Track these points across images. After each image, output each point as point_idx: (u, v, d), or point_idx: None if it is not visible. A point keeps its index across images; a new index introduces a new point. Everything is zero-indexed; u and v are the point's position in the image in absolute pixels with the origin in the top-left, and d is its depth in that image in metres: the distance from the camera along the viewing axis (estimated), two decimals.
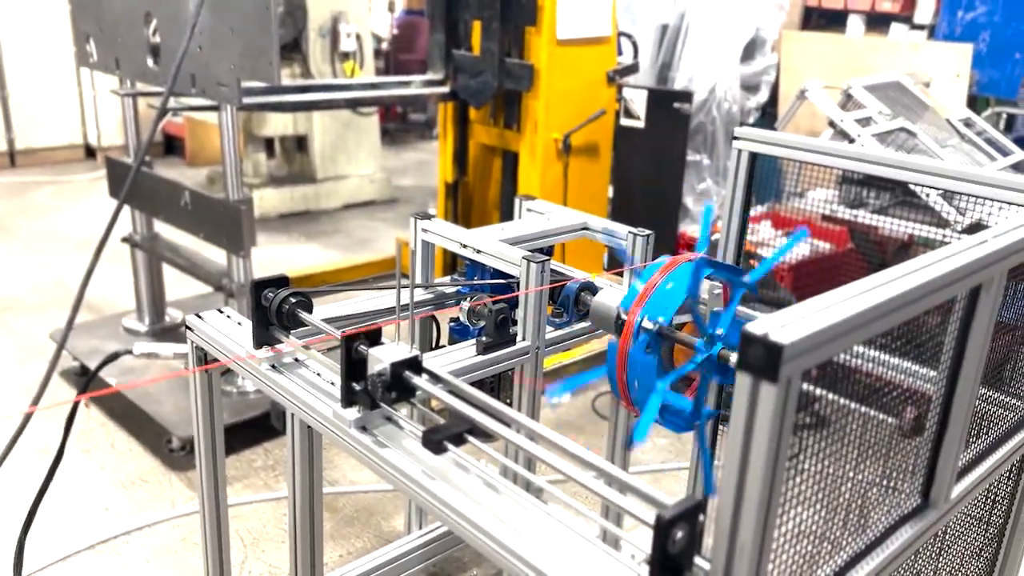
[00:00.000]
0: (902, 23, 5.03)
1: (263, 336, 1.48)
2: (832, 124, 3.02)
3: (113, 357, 1.68)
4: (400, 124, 8.54)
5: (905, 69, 3.79)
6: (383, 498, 2.57)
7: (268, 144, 5.68)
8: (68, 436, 1.68)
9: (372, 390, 1.25)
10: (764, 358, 0.79)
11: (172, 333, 3.31)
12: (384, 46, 7.75)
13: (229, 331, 1.57)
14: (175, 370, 2.50)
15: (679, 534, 0.90)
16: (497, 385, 1.85)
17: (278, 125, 5.44)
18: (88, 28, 2.99)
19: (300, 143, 5.69)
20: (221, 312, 1.65)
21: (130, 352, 1.75)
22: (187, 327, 1.62)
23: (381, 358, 1.24)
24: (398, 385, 1.25)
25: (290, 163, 5.78)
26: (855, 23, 5.23)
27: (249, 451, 2.74)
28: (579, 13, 3.33)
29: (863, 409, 1.20)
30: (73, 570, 2.20)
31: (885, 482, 1.24)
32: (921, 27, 4.94)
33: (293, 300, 1.45)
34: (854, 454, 1.16)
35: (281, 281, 1.49)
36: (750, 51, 4.27)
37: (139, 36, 2.74)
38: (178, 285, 3.66)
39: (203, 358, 1.61)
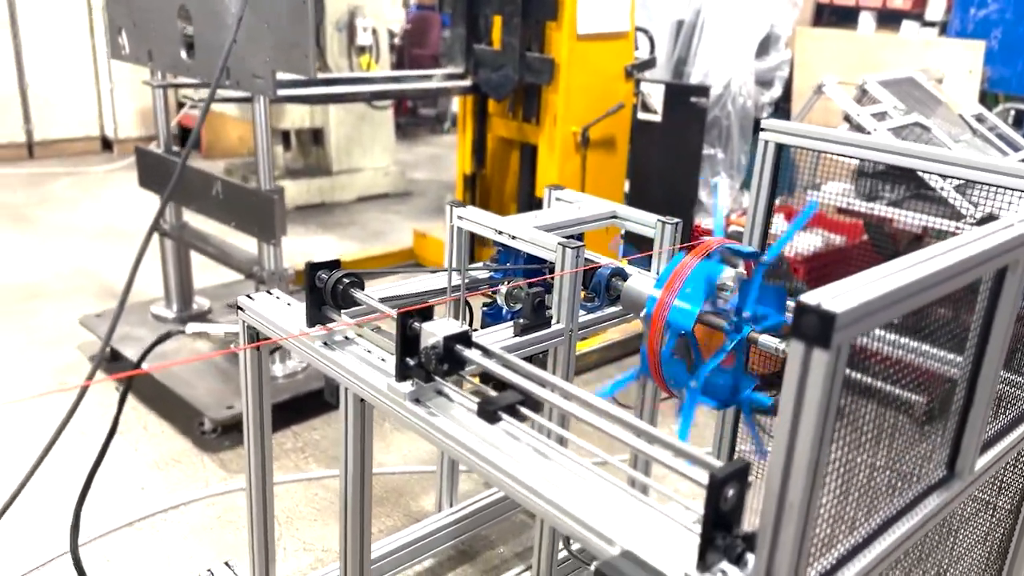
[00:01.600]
0: (913, 20, 5.09)
1: (316, 315, 1.54)
2: (848, 119, 3.08)
3: (166, 337, 1.75)
4: (411, 118, 8.61)
5: (918, 66, 3.85)
6: (411, 479, 2.64)
7: (284, 137, 5.75)
8: (121, 411, 1.75)
9: (426, 362, 1.31)
10: (817, 326, 0.85)
11: (199, 320, 3.37)
12: (396, 41, 7.80)
13: (279, 311, 1.63)
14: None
15: (730, 492, 0.97)
16: None
17: (295, 118, 5.50)
18: (121, 21, 3.06)
19: (316, 136, 5.76)
20: (270, 293, 1.72)
21: (183, 332, 1.82)
22: (239, 307, 1.69)
23: (434, 332, 1.31)
24: (450, 358, 1.32)
25: (306, 156, 5.85)
26: (866, 20, 5.28)
27: (279, 434, 2.82)
28: (598, 8, 3.39)
29: (895, 391, 1.28)
30: (113, 546, 2.27)
31: (912, 456, 1.30)
32: (932, 24, 5.00)
33: (347, 280, 1.52)
34: (886, 428, 1.23)
35: (333, 264, 1.56)
36: (764, 47, 4.33)
37: (172, 29, 2.80)
38: (200, 274, 3.73)
39: (254, 337, 1.68)
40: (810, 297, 0.86)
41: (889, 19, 5.18)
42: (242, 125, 6.06)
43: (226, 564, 2.02)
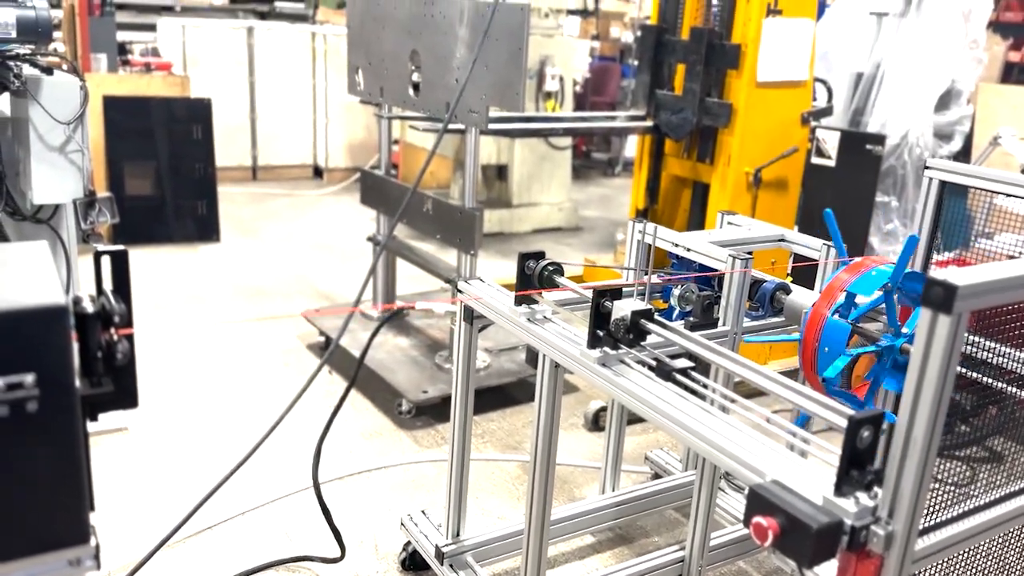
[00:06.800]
0: None
1: (522, 297, 1.89)
2: None
3: (395, 313, 2.16)
4: (585, 161, 9.05)
5: None
6: (575, 472, 2.93)
7: None
8: (349, 390, 2.19)
9: (615, 331, 1.62)
10: (942, 296, 1.09)
11: (396, 318, 3.84)
12: (578, 89, 8.28)
13: (491, 294, 2.00)
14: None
15: (865, 433, 1.20)
16: (696, 362, 2.17)
17: (483, 154, 6.04)
18: (359, 62, 3.63)
19: (500, 172, 6.28)
20: (482, 281, 2.09)
21: (413, 307, 2.22)
22: (457, 290, 2.07)
23: (623, 308, 1.62)
24: (635, 329, 1.61)
25: (490, 189, 6.38)
26: None
27: None
28: (778, 59, 3.63)
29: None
30: (328, 493, 2.69)
31: None
32: None
33: (551, 268, 1.86)
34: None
35: (539, 254, 1.91)
36: (945, 101, 4.36)
37: (403, 70, 3.32)
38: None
39: (469, 314, 2.05)
40: (938, 274, 1.10)
41: None
42: (435, 160, 6.68)
43: (422, 512, 2.39)
